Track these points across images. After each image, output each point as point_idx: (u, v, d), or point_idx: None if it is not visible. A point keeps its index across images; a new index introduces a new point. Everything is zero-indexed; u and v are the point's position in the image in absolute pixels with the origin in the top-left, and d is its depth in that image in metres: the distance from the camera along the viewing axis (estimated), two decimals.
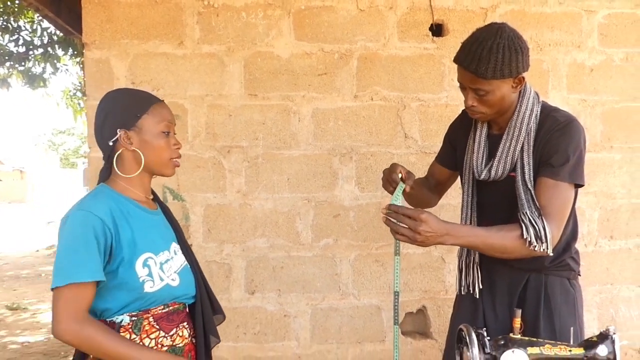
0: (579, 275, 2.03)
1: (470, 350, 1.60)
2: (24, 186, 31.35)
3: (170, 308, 1.60)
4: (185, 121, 2.96)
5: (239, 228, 3.00)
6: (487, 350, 1.60)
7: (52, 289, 1.45)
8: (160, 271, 1.57)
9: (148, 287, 1.52)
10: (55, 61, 7.93)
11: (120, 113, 1.58)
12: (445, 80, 3.06)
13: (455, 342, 1.71)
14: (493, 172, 1.90)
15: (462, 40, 1.83)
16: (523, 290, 1.98)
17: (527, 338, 1.67)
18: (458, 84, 1.86)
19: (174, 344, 1.60)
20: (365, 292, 3.08)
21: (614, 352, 1.65)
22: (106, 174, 1.63)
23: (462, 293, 2.09)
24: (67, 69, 8.65)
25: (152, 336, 1.55)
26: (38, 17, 6.95)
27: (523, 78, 1.80)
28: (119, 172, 1.59)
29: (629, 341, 3.13)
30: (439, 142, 2.94)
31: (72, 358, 1.62)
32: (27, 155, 32.72)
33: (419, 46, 3.05)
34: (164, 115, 1.63)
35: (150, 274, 1.54)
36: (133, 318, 1.53)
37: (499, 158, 1.89)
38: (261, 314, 3.04)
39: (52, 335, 1.43)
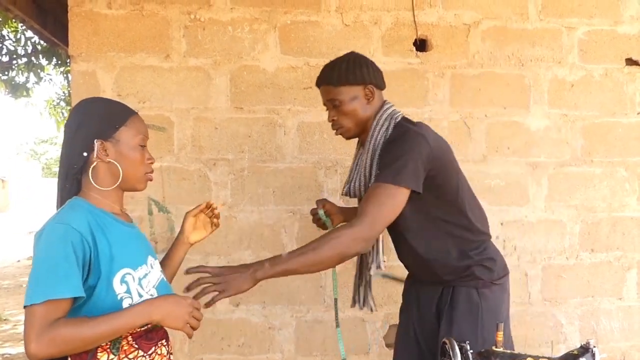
0: (496, 282, 2.04)
1: None
2: (5, 195, 30.96)
3: (149, 325, 1.51)
4: (172, 134, 2.96)
5: (224, 240, 3.00)
6: None
7: (25, 307, 1.36)
8: (138, 287, 1.51)
9: (127, 304, 1.46)
10: (39, 71, 7.89)
11: (97, 123, 1.53)
12: (429, 95, 3.09)
13: (439, 356, 1.73)
14: (351, 186, 2.05)
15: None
16: (438, 303, 2.06)
17: (509, 351, 1.69)
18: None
19: None
20: (349, 305, 3.08)
21: None
22: (74, 189, 1.55)
23: (352, 307, 2.34)
24: (50, 79, 8.62)
25: (131, 356, 1.49)
26: (22, 26, 6.92)
27: (373, 90, 2.00)
28: (94, 184, 1.52)
29: (609, 354, 3.17)
30: None
31: None
32: (9, 164, 32.33)
33: (403, 61, 3.09)
34: (140, 128, 1.60)
35: (128, 291, 1.47)
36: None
37: (356, 173, 2.05)
38: (246, 326, 3.03)
39: None
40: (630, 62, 3.24)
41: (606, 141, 3.23)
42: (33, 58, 7.70)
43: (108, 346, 1.46)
